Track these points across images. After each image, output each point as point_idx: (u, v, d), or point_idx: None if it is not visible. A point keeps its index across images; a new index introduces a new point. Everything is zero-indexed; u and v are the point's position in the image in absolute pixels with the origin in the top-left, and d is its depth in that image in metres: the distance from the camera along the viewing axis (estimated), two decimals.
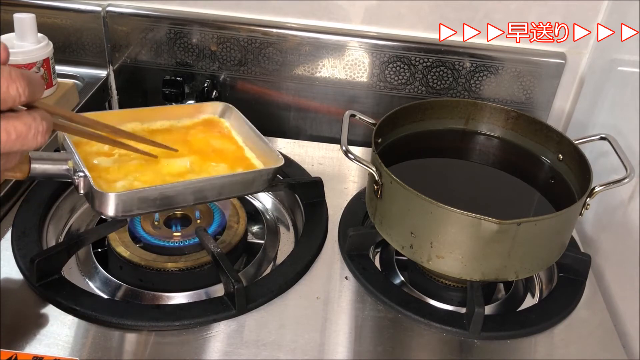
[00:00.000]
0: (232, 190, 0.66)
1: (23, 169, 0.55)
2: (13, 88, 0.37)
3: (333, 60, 0.94)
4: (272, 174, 0.67)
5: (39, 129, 0.39)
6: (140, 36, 0.95)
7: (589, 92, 0.91)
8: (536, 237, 0.60)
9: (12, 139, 0.38)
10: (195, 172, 0.66)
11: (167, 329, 0.60)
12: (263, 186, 0.67)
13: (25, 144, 0.39)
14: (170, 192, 0.60)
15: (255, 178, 0.66)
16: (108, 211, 0.58)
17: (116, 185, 0.61)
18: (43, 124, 0.39)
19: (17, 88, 0.37)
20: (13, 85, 0.37)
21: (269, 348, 0.59)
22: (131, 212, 0.59)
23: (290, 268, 0.68)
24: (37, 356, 0.56)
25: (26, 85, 0.38)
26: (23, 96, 0.38)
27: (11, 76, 0.37)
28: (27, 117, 0.38)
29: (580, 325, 0.66)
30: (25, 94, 0.38)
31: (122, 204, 0.58)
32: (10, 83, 0.37)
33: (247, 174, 0.66)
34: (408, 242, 0.64)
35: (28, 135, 0.38)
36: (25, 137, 0.38)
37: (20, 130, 0.38)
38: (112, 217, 0.59)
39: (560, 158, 0.74)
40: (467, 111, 0.80)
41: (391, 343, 0.61)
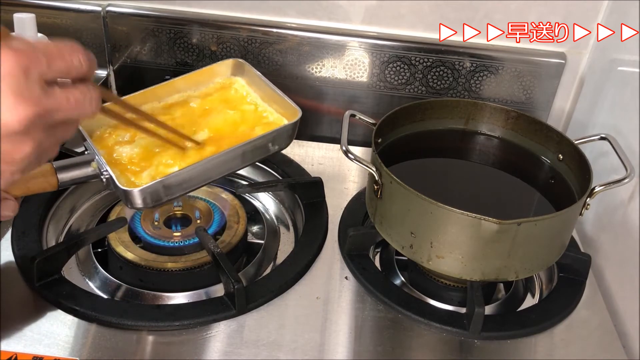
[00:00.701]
0: (254, 155, 0.65)
1: (51, 182, 0.56)
2: (76, 59, 0.40)
3: (333, 60, 0.94)
4: (292, 129, 0.67)
5: (92, 95, 0.41)
6: (140, 36, 0.95)
7: (589, 92, 0.91)
8: (536, 237, 0.60)
9: (72, 105, 0.40)
10: (215, 141, 0.65)
11: (167, 329, 0.60)
12: (286, 142, 0.67)
13: (82, 110, 0.41)
14: (194, 172, 0.60)
15: (275, 137, 0.65)
16: (138, 205, 0.58)
17: (142, 175, 0.60)
18: (96, 91, 0.42)
19: (79, 59, 0.40)
20: (76, 56, 0.40)
21: (269, 348, 0.59)
22: (161, 200, 0.59)
23: (290, 268, 0.68)
24: (37, 356, 0.56)
25: (87, 57, 0.41)
26: (85, 66, 0.41)
27: (73, 48, 0.40)
28: (82, 86, 0.41)
29: (580, 325, 0.66)
30: (86, 63, 0.41)
31: (149, 196, 0.57)
32: (73, 54, 0.40)
33: (266, 136, 0.65)
34: (408, 242, 0.64)
35: (84, 102, 0.41)
36: (82, 104, 0.41)
37: (78, 97, 0.40)
38: (143, 208, 0.60)
39: (560, 158, 0.74)
40: (467, 111, 0.80)
41: (391, 343, 0.61)
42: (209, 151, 0.63)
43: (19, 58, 0.36)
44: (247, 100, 0.72)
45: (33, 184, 0.54)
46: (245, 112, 0.70)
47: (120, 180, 0.58)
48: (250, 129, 0.67)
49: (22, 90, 0.36)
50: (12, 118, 0.36)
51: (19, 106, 0.36)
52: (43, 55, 0.38)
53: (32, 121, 0.37)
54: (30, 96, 0.36)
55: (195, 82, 0.73)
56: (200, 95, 0.72)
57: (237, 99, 0.72)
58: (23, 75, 0.36)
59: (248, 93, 0.73)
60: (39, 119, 0.37)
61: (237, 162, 0.64)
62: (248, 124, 0.68)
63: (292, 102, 0.68)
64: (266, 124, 0.68)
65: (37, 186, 0.55)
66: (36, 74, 0.37)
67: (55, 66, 0.38)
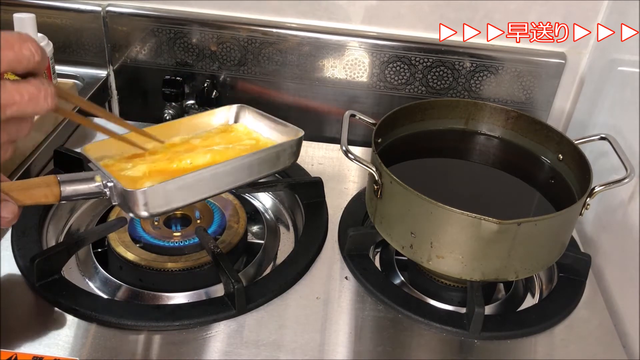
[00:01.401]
0: (261, 169, 0.65)
1: (54, 192, 0.55)
2: (26, 48, 0.38)
3: (333, 60, 0.94)
4: (295, 145, 0.67)
5: (48, 91, 0.40)
6: (140, 36, 0.95)
7: (589, 92, 0.91)
8: (536, 237, 0.60)
9: (25, 101, 0.39)
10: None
11: (167, 329, 0.60)
12: (290, 160, 0.68)
13: (37, 106, 0.40)
14: (200, 179, 0.59)
15: (279, 153, 0.66)
16: (140, 208, 0.57)
17: (145, 184, 0.60)
18: (51, 87, 0.41)
19: (29, 48, 0.39)
20: (25, 45, 0.38)
21: (269, 348, 0.59)
22: (164, 207, 0.58)
23: (290, 268, 0.68)
24: (37, 356, 0.56)
25: (37, 46, 0.39)
26: (37, 55, 0.39)
27: (21, 37, 0.38)
28: (36, 81, 0.40)
29: (580, 325, 0.66)
30: (38, 53, 0.39)
31: (152, 200, 0.56)
32: (22, 44, 0.38)
33: (269, 150, 0.65)
34: (408, 242, 0.64)
35: (39, 97, 0.39)
36: (37, 99, 0.39)
37: (32, 92, 0.39)
38: (147, 215, 0.58)
39: (560, 158, 0.74)
40: (467, 111, 0.80)
41: (391, 343, 0.61)
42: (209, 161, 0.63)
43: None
44: (249, 137, 0.72)
45: (36, 192, 0.53)
46: (248, 145, 0.70)
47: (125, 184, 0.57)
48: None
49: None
50: None
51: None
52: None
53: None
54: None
55: (195, 126, 0.73)
56: (201, 136, 0.72)
57: (238, 138, 0.72)
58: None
59: (249, 132, 0.73)
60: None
61: (244, 174, 0.63)
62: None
63: (294, 126, 0.69)
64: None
65: (40, 195, 0.54)
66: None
67: (4, 57, 0.37)
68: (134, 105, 1.03)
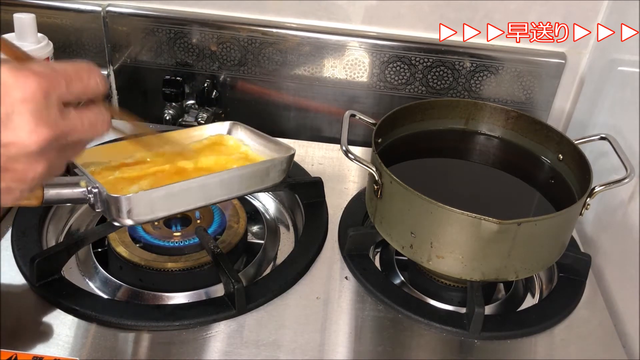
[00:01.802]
0: (249, 185, 0.65)
1: (37, 195, 0.55)
2: (93, 79, 0.41)
3: (333, 60, 0.94)
4: (286, 162, 0.67)
5: (105, 118, 0.43)
6: (140, 36, 0.95)
7: (589, 92, 0.91)
8: (536, 237, 0.60)
9: (86, 127, 0.41)
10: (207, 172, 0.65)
11: (167, 329, 0.60)
12: (279, 177, 0.67)
13: (95, 132, 0.42)
14: (187, 189, 0.59)
15: (269, 168, 0.66)
16: (123, 216, 0.56)
17: (130, 188, 0.60)
18: (108, 113, 0.43)
19: (96, 79, 0.41)
20: (93, 77, 0.41)
21: (269, 348, 0.59)
22: (147, 216, 0.58)
23: (290, 268, 0.68)
24: (37, 356, 0.56)
25: (102, 77, 0.42)
26: (101, 86, 0.42)
27: (90, 69, 0.41)
28: (95, 107, 0.42)
29: (580, 325, 0.66)
30: (103, 84, 0.42)
31: (136, 207, 0.56)
32: (90, 75, 0.41)
33: (260, 165, 0.65)
34: (408, 242, 0.64)
35: (97, 123, 0.42)
36: (95, 126, 0.42)
37: (91, 119, 0.41)
38: (131, 223, 0.58)
39: (560, 158, 0.74)
40: (467, 111, 0.80)
41: (391, 343, 0.61)
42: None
43: (40, 82, 0.37)
44: (239, 150, 0.73)
45: None
46: (239, 158, 0.71)
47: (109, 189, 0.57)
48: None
49: (42, 114, 0.37)
50: (30, 140, 0.37)
51: (38, 129, 0.37)
52: (62, 78, 0.39)
53: (49, 143, 0.38)
54: (48, 120, 0.37)
55: (187, 137, 0.74)
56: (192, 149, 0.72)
57: (228, 150, 0.73)
58: (44, 99, 0.37)
59: (239, 146, 0.74)
60: (54, 141, 0.38)
61: (233, 187, 0.63)
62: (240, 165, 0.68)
63: (286, 144, 0.69)
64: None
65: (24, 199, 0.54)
66: (55, 97, 0.38)
67: (73, 89, 0.39)
68: (134, 105, 1.03)
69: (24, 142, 0.36)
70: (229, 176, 0.63)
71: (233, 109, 1.00)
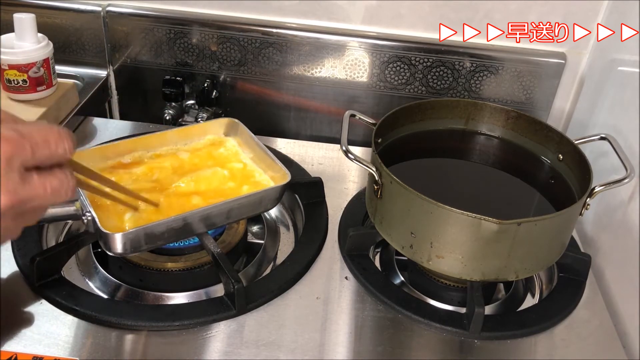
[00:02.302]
0: (240, 213, 0.66)
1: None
2: (61, 147, 0.39)
3: (333, 60, 0.94)
4: (280, 192, 0.67)
5: (70, 184, 0.41)
6: (140, 36, 0.95)
7: (589, 92, 0.91)
8: (536, 237, 0.60)
9: (48, 194, 0.39)
10: (201, 193, 0.66)
11: (167, 329, 0.60)
12: (272, 204, 0.68)
13: (57, 199, 0.40)
14: (177, 224, 0.60)
15: (262, 198, 0.66)
16: (117, 249, 0.58)
17: (125, 217, 0.61)
18: (73, 180, 0.41)
19: (64, 147, 0.40)
20: (62, 145, 0.39)
21: (269, 348, 0.59)
22: (141, 248, 0.60)
23: (290, 268, 0.68)
24: (37, 356, 0.56)
25: (72, 145, 0.40)
26: (69, 153, 0.40)
27: (60, 135, 0.39)
28: (60, 173, 0.40)
29: (580, 325, 0.66)
30: (70, 151, 0.40)
31: (129, 242, 0.58)
32: (59, 142, 0.39)
33: (253, 195, 0.65)
34: (408, 242, 0.64)
35: (61, 190, 0.40)
36: (59, 192, 0.40)
37: (55, 185, 0.40)
38: (122, 254, 0.59)
39: (560, 158, 0.74)
40: (467, 111, 0.80)
41: (391, 343, 0.61)
42: (194, 203, 0.64)
43: (4, 147, 0.35)
44: (237, 158, 0.72)
45: None
46: (234, 169, 0.70)
47: (103, 223, 0.58)
48: (238, 187, 0.68)
49: (1, 180, 0.35)
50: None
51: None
52: (29, 144, 0.37)
53: (4, 211, 0.36)
54: (7, 187, 0.36)
55: (186, 136, 0.74)
56: (190, 149, 0.73)
57: (226, 157, 0.73)
58: (5, 164, 0.35)
59: (238, 152, 0.73)
60: (11, 209, 0.37)
61: (222, 218, 0.64)
62: (236, 181, 0.69)
63: (283, 165, 0.68)
64: (254, 183, 0.69)
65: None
66: (18, 163, 0.36)
67: (39, 154, 0.38)
68: (134, 105, 1.03)
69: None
70: (219, 210, 0.63)
71: (233, 109, 1.00)
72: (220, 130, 0.76)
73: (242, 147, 0.74)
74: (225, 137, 0.76)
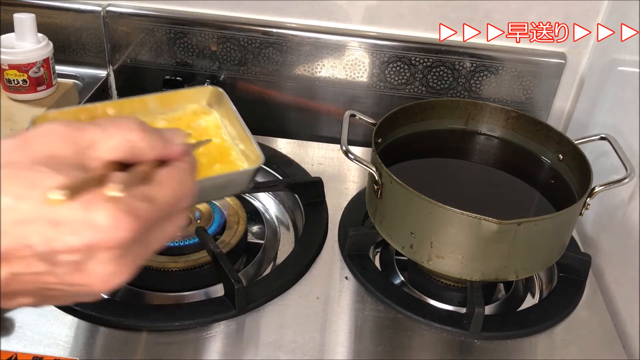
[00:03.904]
0: (207, 194, 0.61)
1: None
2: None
3: (333, 60, 0.94)
4: (250, 176, 0.61)
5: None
6: (140, 36, 0.95)
7: (589, 92, 0.91)
8: (536, 237, 0.60)
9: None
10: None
11: (167, 329, 0.60)
12: (241, 188, 0.62)
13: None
14: None
15: (230, 181, 0.60)
16: None
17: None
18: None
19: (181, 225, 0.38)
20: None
21: (269, 348, 0.59)
22: None
23: (290, 268, 0.68)
24: (37, 356, 0.56)
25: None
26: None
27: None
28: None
29: (580, 325, 0.66)
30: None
31: None
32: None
33: (223, 177, 0.59)
34: (408, 242, 0.64)
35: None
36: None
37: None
38: None
39: (560, 158, 0.74)
40: (467, 111, 0.80)
41: (391, 343, 0.61)
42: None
43: (137, 227, 0.31)
44: (216, 132, 0.67)
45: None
46: (210, 144, 0.65)
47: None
48: (209, 165, 0.62)
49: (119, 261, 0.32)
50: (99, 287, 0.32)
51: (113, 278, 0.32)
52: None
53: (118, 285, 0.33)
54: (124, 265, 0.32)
55: (167, 103, 0.68)
56: (169, 118, 0.68)
57: (205, 130, 0.67)
58: (132, 243, 0.32)
59: (219, 126, 0.67)
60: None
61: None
62: (209, 158, 0.63)
63: (258, 147, 0.61)
64: (229, 163, 0.63)
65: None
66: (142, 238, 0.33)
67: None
68: None
69: (92, 287, 0.32)
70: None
71: None
72: (203, 100, 0.70)
73: (223, 120, 0.68)
74: (209, 108, 0.69)
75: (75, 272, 0.31)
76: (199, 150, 0.62)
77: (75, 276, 0.31)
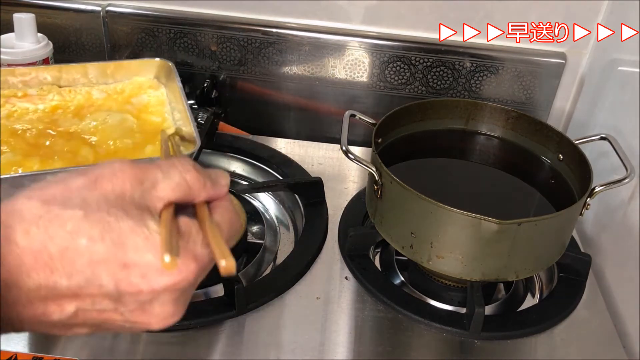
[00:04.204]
0: None
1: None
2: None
3: (333, 60, 0.94)
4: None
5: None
6: (140, 36, 0.95)
7: (589, 92, 0.91)
8: (536, 237, 0.60)
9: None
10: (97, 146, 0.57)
11: (167, 329, 0.60)
12: None
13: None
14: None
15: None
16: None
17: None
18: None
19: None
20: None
21: (269, 348, 0.59)
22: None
23: (290, 268, 0.68)
24: (37, 356, 0.56)
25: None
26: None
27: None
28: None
29: (580, 325, 0.66)
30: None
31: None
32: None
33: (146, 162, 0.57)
34: (408, 242, 0.64)
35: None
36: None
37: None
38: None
39: (560, 158, 0.74)
40: (467, 111, 0.80)
41: (391, 343, 0.61)
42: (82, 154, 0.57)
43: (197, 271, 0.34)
44: (158, 110, 0.64)
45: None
46: (148, 122, 0.62)
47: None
48: (140, 145, 0.60)
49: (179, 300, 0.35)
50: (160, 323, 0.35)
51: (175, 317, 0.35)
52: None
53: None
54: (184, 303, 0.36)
55: (110, 74, 0.66)
56: (109, 90, 0.65)
57: (146, 106, 0.65)
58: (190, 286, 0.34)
59: (163, 103, 0.65)
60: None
61: None
62: (143, 137, 0.61)
63: (197, 131, 0.59)
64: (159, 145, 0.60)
65: None
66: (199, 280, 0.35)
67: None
68: None
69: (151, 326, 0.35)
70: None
71: (233, 109, 1.00)
72: (151, 73, 0.68)
73: (169, 96, 0.66)
74: (156, 81, 0.68)
75: (138, 311, 0.33)
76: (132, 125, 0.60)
77: (138, 315, 0.33)
